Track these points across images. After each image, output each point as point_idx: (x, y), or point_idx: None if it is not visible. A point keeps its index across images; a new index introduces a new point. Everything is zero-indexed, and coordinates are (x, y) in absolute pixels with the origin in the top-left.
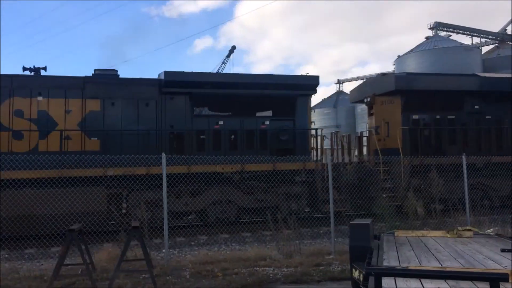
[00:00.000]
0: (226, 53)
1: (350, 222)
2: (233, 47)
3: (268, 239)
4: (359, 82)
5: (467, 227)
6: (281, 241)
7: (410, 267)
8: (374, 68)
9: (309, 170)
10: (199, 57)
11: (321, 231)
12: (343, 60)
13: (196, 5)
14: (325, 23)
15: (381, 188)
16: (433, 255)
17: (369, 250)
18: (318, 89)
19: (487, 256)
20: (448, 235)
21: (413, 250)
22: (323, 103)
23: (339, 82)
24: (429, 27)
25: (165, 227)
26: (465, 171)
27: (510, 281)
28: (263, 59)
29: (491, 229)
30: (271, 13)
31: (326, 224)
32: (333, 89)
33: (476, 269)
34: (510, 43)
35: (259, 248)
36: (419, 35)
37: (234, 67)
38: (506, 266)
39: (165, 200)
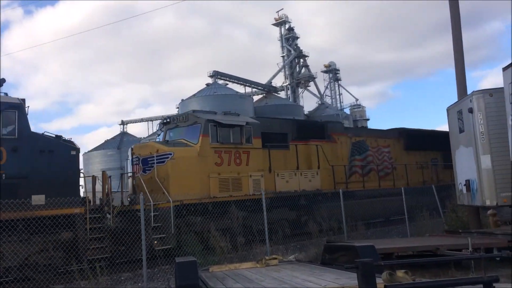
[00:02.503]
0: None
1: (176, 260)
2: (3, 80)
3: None
4: (144, 123)
5: (273, 256)
6: None
7: None
8: (158, 110)
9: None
10: None
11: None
12: (126, 101)
13: None
14: (106, 62)
15: None
16: (259, 283)
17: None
18: (100, 129)
19: (304, 279)
20: (258, 265)
21: (239, 282)
22: (106, 144)
23: (123, 123)
24: (208, 74)
25: None
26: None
27: None
28: (37, 95)
29: (292, 256)
30: (45, 45)
31: None
32: (116, 130)
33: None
34: (275, 93)
35: None
36: (200, 81)
37: None
38: (325, 285)
39: None
